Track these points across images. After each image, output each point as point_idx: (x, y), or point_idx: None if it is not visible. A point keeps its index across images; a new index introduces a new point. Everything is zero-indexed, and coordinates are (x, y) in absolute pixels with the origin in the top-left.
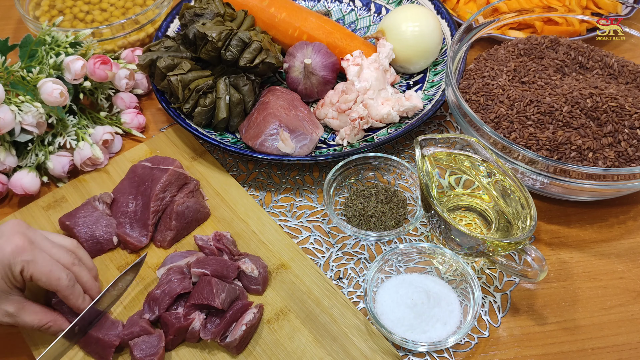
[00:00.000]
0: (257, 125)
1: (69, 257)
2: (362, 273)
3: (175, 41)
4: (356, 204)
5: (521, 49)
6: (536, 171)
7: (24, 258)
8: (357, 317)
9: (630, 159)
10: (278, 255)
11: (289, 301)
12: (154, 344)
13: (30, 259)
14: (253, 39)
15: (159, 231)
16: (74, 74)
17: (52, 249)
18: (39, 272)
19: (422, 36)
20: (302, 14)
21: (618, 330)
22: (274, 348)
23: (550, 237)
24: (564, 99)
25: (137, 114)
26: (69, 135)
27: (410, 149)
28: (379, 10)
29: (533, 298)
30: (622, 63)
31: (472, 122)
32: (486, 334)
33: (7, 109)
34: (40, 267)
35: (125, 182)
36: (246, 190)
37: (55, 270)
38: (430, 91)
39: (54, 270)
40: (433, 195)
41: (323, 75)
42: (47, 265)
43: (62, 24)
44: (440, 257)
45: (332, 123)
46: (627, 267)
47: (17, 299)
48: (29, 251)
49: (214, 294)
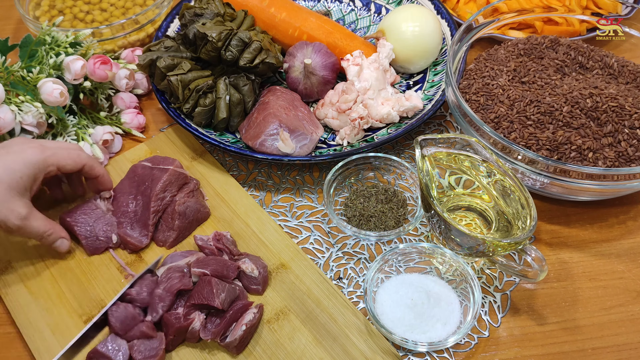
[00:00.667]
0: (257, 125)
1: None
2: (362, 273)
3: (175, 41)
4: (356, 204)
5: (521, 49)
6: (536, 171)
7: (46, 155)
8: (357, 317)
9: (630, 159)
10: (278, 255)
11: (289, 301)
12: (154, 346)
13: (52, 154)
14: (253, 39)
15: (161, 231)
16: (74, 74)
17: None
18: (64, 159)
19: (422, 36)
20: (302, 14)
21: (618, 330)
22: (274, 348)
23: (550, 237)
24: (564, 99)
25: (137, 114)
26: (69, 135)
27: (410, 149)
28: (379, 10)
29: (533, 298)
30: (622, 63)
31: (472, 122)
32: (486, 334)
33: (7, 109)
34: (64, 156)
35: (125, 182)
36: (246, 190)
37: (74, 152)
38: (430, 91)
39: (72, 152)
40: (433, 195)
41: (323, 75)
42: (65, 153)
43: (62, 24)
44: (440, 257)
45: (332, 123)
46: (627, 267)
47: (28, 203)
48: (48, 149)
49: (214, 294)
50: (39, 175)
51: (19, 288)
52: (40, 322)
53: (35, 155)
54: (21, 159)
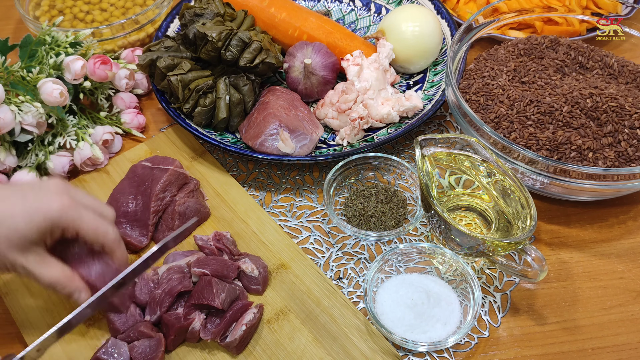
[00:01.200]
0: (257, 125)
1: (112, 214)
2: (362, 273)
3: (175, 41)
4: (356, 204)
5: (521, 49)
6: (536, 171)
7: (70, 215)
8: (357, 317)
9: (630, 159)
10: (278, 255)
11: (289, 301)
12: (153, 347)
13: (77, 217)
14: (253, 39)
15: (161, 231)
16: (74, 74)
17: (95, 204)
18: (87, 228)
19: (422, 36)
20: (302, 14)
21: (618, 330)
22: (274, 348)
23: (550, 237)
24: (564, 99)
25: (137, 114)
26: (69, 135)
27: (410, 149)
28: (379, 10)
29: (533, 298)
30: (622, 63)
31: (472, 122)
32: (486, 334)
33: (7, 109)
34: (88, 224)
35: (125, 182)
36: (246, 190)
37: (102, 225)
38: (430, 91)
39: (101, 226)
40: (433, 195)
41: (323, 75)
42: (93, 222)
43: (62, 24)
44: (440, 257)
45: (332, 123)
46: (627, 267)
47: (41, 251)
48: (74, 209)
49: (214, 294)
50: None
51: (19, 288)
52: (40, 322)
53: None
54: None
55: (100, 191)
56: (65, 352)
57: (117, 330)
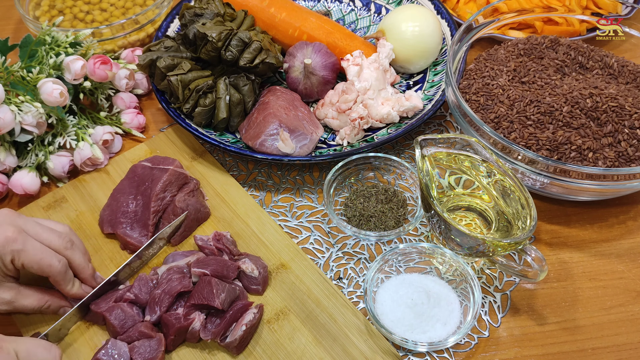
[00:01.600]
0: (257, 125)
1: (61, 242)
2: (362, 273)
3: (175, 41)
4: (356, 204)
5: (521, 49)
6: (536, 171)
7: (13, 248)
8: (357, 317)
9: (630, 159)
10: (278, 255)
11: (289, 301)
12: (153, 347)
13: (20, 249)
14: (253, 39)
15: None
16: (74, 74)
17: (43, 234)
18: (30, 260)
19: (422, 36)
20: (302, 14)
21: (618, 330)
22: (274, 348)
23: (550, 237)
24: (564, 99)
25: (137, 114)
26: (69, 135)
27: (410, 149)
28: (379, 10)
29: (533, 298)
30: (622, 63)
31: (472, 122)
32: (486, 334)
33: (7, 109)
34: (31, 255)
35: (125, 182)
36: (246, 190)
37: (47, 257)
38: (430, 91)
39: (45, 257)
40: (433, 195)
41: (323, 75)
42: (37, 253)
43: (62, 24)
44: (440, 257)
45: (332, 123)
46: (627, 267)
47: (13, 286)
48: (19, 241)
49: (214, 294)
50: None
51: None
52: (40, 322)
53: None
54: None
55: (100, 191)
56: (65, 352)
57: (116, 331)
